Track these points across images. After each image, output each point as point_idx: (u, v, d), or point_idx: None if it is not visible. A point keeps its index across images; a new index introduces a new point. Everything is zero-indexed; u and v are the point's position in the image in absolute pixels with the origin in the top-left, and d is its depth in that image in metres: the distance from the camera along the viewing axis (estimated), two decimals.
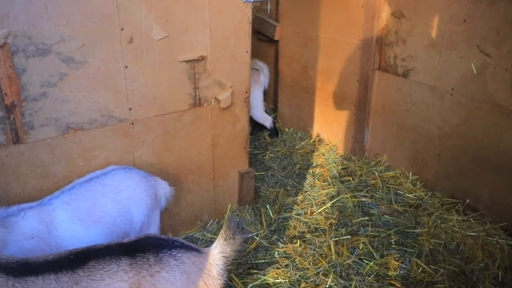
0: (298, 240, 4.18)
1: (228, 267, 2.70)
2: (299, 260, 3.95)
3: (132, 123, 3.70)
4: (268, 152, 5.72)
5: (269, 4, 4.46)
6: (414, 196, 4.81)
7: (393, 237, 4.22)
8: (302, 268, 3.89)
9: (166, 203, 3.82)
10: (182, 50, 3.69)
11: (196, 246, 2.71)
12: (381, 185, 4.98)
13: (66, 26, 3.19)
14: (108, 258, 2.45)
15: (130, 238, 2.68)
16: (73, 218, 3.14)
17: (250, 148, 5.23)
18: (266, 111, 6.04)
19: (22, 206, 3.10)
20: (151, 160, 3.89)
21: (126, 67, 3.52)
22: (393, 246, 4.11)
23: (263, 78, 5.80)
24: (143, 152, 3.84)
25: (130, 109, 3.65)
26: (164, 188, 3.74)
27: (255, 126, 6.13)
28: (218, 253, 2.64)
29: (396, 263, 3.90)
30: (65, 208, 3.14)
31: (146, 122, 3.76)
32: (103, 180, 3.36)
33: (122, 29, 3.40)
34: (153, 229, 3.61)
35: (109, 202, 3.30)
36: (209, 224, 4.47)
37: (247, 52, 3.97)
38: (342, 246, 4.10)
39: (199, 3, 3.60)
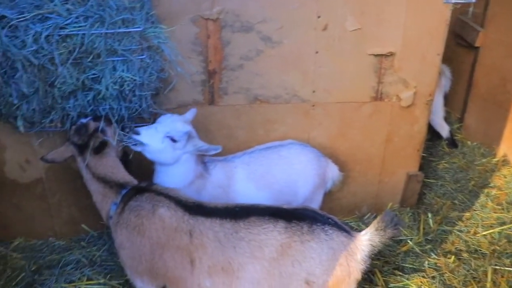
0: (453, 256, 4.05)
1: (372, 255, 2.80)
2: (449, 276, 3.85)
3: (313, 105, 3.99)
4: (443, 162, 5.53)
5: (471, 7, 4.27)
6: None
7: None
8: (449, 285, 3.79)
9: (332, 186, 4.06)
10: (372, 44, 3.82)
11: (348, 228, 2.86)
12: None
13: (269, 8, 3.60)
14: (267, 217, 2.77)
15: (290, 206, 2.93)
16: (249, 178, 3.61)
17: (425, 153, 5.14)
18: (444, 119, 5.76)
19: (213, 159, 3.65)
20: (325, 142, 4.15)
21: (317, 52, 3.80)
22: None
23: (444, 81, 5.49)
24: (318, 134, 4.12)
25: (314, 91, 3.94)
26: (333, 172, 3.98)
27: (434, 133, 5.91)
28: (366, 239, 2.75)
29: None
30: (244, 168, 3.62)
31: (326, 106, 4.02)
32: (279, 150, 3.75)
33: (319, 17, 3.68)
34: (314, 206, 3.86)
35: (281, 171, 3.69)
36: (366, 216, 4.58)
37: (438, 54, 3.93)
38: (502, 276, 3.84)
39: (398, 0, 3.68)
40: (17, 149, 3.85)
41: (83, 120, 3.26)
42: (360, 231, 3.92)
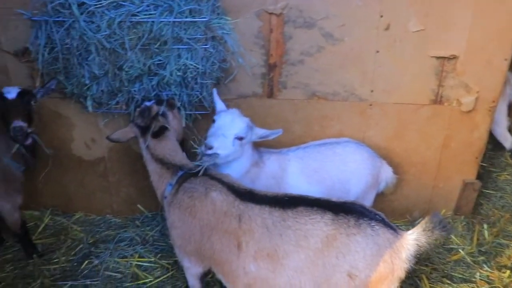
0: (508, 271, 3.92)
1: (417, 255, 2.79)
2: None
3: (371, 105, 4.00)
4: (505, 173, 5.35)
5: None
6: None
7: None
8: None
9: (384, 188, 4.05)
10: (435, 46, 3.79)
11: (395, 226, 2.86)
12: None
13: (333, 5, 3.66)
14: (315, 208, 2.81)
15: (339, 199, 2.97)
16: (302, 172, 3.68)
17: (485, 163, 5.00)
18: (508, 130, 5.55)
19: (268, 150, 3.75)
20: (380, 143, 4.16)
21: (377, 51, 3.82)
22: None
23: (509, 89, 5.27)
24: (374, 134, 4.13)
25: (372, 91, 3.96)
26: (387, 173, 3.98)
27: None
28: (412, 239, 2.72)
29: None
30: (298, 162, 3.70)
31: (384, 106, 4.02)
32: (334, 147, 3.80)
33: (381, 16, 3.70)
34: None
35: (334, 168, 3.73)
36: (417, 221, 4.51)
37: (505, 59, 3.83)
38: None
39: (465, 2, 3.63)
40: (84, 128, 4.12)
41: (147, 103, 3.43)
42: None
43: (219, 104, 3.55)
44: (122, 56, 3.30)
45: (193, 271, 3.26)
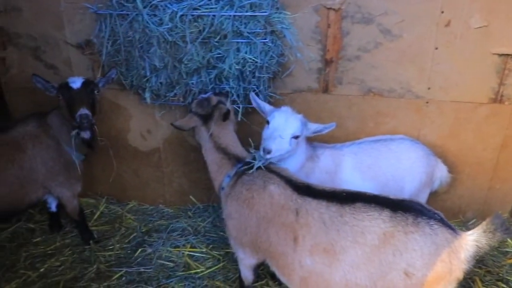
0: None
1: (476, 257, 2.75)
2: None
3: (427, 102, 3.95)
4: None
5: None
6: None
7: None
8: None
9: (439, 187, 3.99)
10: (498, 43, 3.70)
11: (454, 226, 2.81)
12: None
13: (392, 1, 3.63)
14: (373, 205, 2.80)
15: (397, 197, 2.95)
16: (356, 167, 3.68)
17: None
18: None
19: (322, 144, 3.76)
20: (435, 141, 4.10)
21: (436, 48, 3.76)
22: None
23: None
24: (429, 132, 4.08)
25: (429, 88, 3.90)
26: (442, 172, 3.92)
27: None
28: (472, 240, 2.68)
29: None
30: (352, 157, 3.69)
31: (441, 104, 3.96)
32: (389, 144, 3.76)
33: (442, 12, 3.64)
34: None
35: (389, 165, 3.70)
36: (471, 222, 4.42)
37: None
38: None
39: None
40: (141, 119, 4.24)
41: (204, 95, 3.48)
42: None
43: (264, 105, 3.52)
44: (182, 49, 3.38)
45: (247, 262, 3.31)
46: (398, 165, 3.72)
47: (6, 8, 3.99)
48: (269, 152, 3.19)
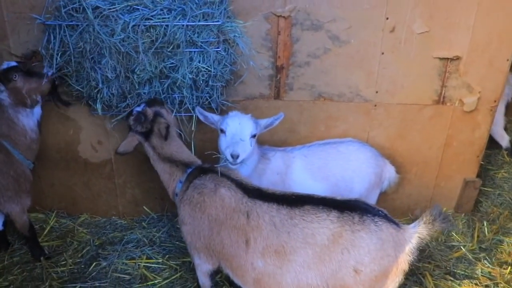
0: (509, 267, 4.10)
1: (419, 248, 2.91)
2: (504, 286, 3.91)
3: (375, 105, 4.17)
4: (502, 171, 5.56)
5: None
6: None
7: None
8: None
9: (387, 187, 4.21)
10: (439, 47, 3.96)
11: (397, 221, 2.99)
12: None
13: (339, 8, 3.81)
14: (321, 207, 2.95)
15: (343, 197, 3.11)
16: (306, 169, 3.84)
17: (482, 161, 5.18)
18: (505, 129, 5.75)
19: (273, 148, 3.92)
20: (383, 143, 4.32)
21: (383, 53, 3.98)
22: None
23: (508, 89, 5.43)
24: (377, 134, 4.30)
25: (377, 92, 4.12)
26: (390, 173, 4.14)
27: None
28: (414, 232, 2.87)
29: None
30: (302, 159, 3.86)
31: (388, 107, 4.19)
32: (338, 146, 3.96)
33: (387, 18, 3.85)
34: None
35: (338, 166, 3.89)
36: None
37: (507, 60, 4.01)
38: None
39: (469, 3, 3.78)
40: (91, 130, 4.22)
41: (138, 108, 3.45)
42: None
43: (212, 116, 3.65)
44: (134, 60, 3.40)
45: (203, 268, 3.37)
46: (347, 166, 3.91)
47: None
48: (237, 156, 3.34)
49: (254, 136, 3.51)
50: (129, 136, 3.48)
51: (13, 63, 3.61)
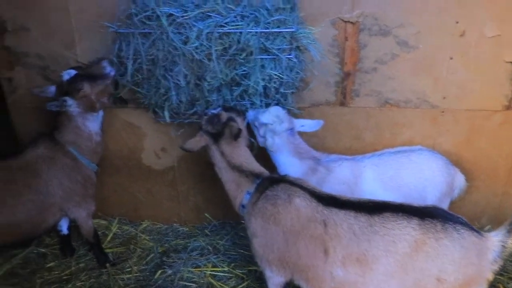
0: None
1: (504, 257, 2.83)
2: None
3: (443, 111, 4.11)
4: None
5: None
6: None
7: None
8: None
9: (457, 196, 4.12)
10: (511, 51, 3.87)
11: (477, 229, 2.92)
12: None
13: (407, 13, 3.78)
14: (401, 214, 2.90)
15: (421, 204, 3.04)
16: (377, 179, 3.79)
17: None
18: None
19: (340, 156, 3.88)
20: (450, 149, 4.25)
21: (451, 58, 3.92)
22: None
23: None
24: (444, 140, 4.23)
25: (444, 98, 4.06)
26: (460, 181, 4.06)
27: None
28: (497, 240, 2.81)
29: None
30: (373, 169, 3.81)
31: (456, 113, 4.12)
32: (409, 155, 3.89)
33: (457, 22, 3.80)
34: None
35: (410, 175, 3.83)
36: (486, 228, 4.59)
37: None
38: None
39: None
40: (155, 137, 4.29)
41: (213, 111, 3.46)
42: None
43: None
44: (206, 67, 3.44)
45: (275, 280, 3.32)
46: (420, 176, 3.84)
47: (14, 27, 4.01)
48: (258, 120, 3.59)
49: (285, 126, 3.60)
50: (198, 135, 3.44)
51: (73, 71, 3.65)
